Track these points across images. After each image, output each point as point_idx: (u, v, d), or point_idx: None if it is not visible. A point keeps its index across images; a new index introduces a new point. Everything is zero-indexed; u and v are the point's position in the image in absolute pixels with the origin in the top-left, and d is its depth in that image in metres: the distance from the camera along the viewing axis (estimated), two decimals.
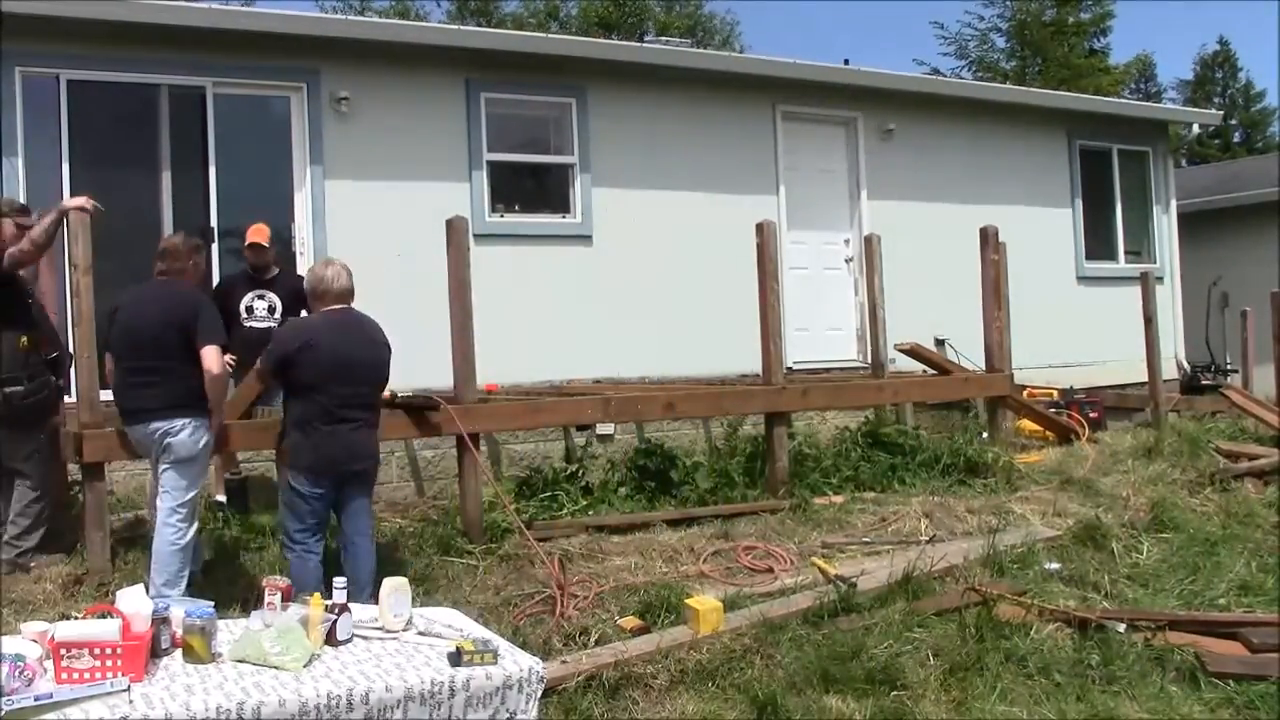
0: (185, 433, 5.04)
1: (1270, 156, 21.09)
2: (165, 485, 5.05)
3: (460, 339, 6.44)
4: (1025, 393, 9.95)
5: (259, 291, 7.08)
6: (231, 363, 5.64)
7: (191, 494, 5.11)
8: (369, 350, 5.17)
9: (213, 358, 5.03)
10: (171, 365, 5.04)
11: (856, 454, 8.13)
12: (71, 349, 5.96)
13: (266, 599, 3.88)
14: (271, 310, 7.03)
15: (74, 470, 6.04)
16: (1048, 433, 9.55)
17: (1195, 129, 14.51)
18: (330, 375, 4.96)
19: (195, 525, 5.18)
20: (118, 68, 7.87)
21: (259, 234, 7.14)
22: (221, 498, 6.96)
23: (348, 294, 5.21)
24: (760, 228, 7.63)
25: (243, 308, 7.00)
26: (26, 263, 5.75)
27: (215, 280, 8.04)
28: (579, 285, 9.37)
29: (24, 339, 5.60)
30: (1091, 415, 9.89)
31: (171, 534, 4.99)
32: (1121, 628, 5.02)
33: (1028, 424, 9.74)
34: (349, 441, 5.03)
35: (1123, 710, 4.36)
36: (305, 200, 8.45)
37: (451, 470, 7.28)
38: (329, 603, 3.78)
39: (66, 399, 6.43)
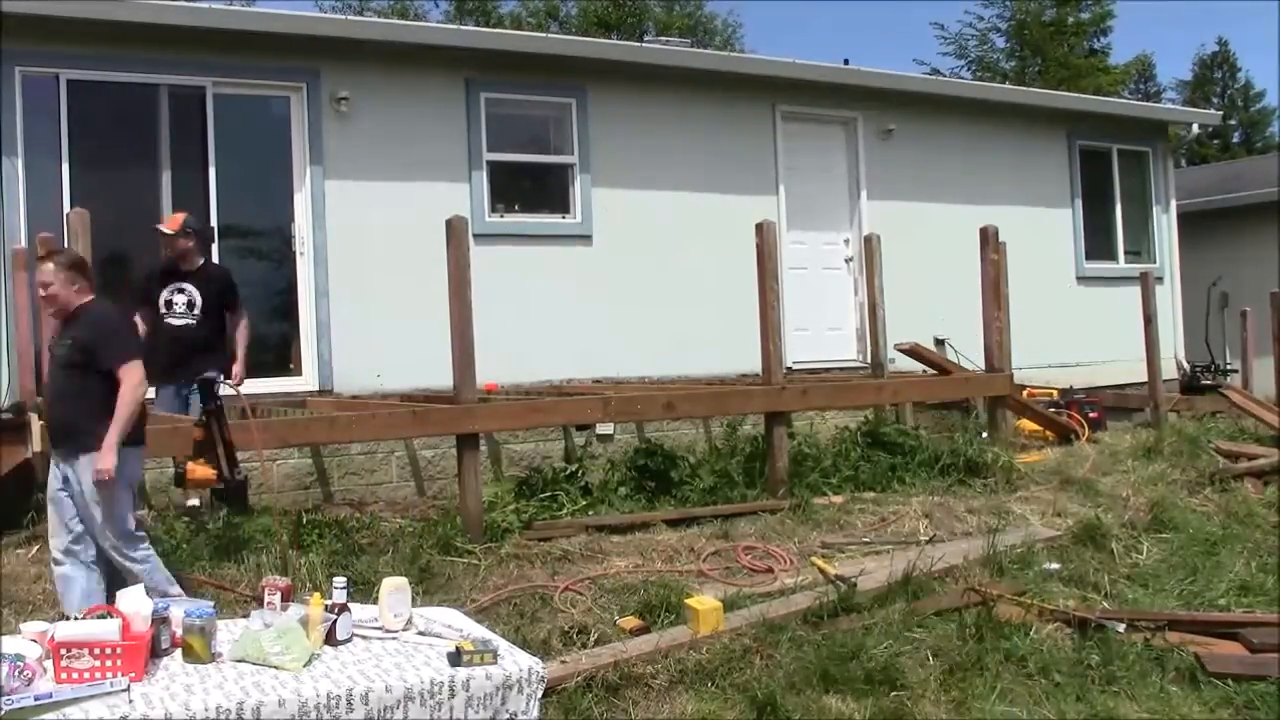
0: None
1: (1270, 156, 21.10)
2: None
3: (460, 339, 6.44)
4: (1025, 393, 9.95)
5: (178, 285, 6.70)
6: None
7: None
8: None
9: None
10: None
11: (856, 454, 8.12)
12: None
13: (266, 599, 3.89)
14: (190, 305, 6.67)
15: None
16: (1048, 433, 9.55)
17: (1195, 129, 14.48)
18: None
19: None
20: (118, 68, 7.87)
21: (171, 223, 6.79)
22: (194, 501, 6.73)
23: None
24: (760, 228, 7.62)
25: (162, 302, 6.68)
26: None
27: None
28: (579, 285, 9.36)
29: None
30: (1091, 415, 9.89)
31: None
32: (1121, 628, 5.02)
33: (1028, 424, 9.74)
34: None
35: (1122, 710, 4.36)
36: (305, 200, 8.45)
37: (451, 470, 7.29)
38: (329, 603, 3.78)
39: None
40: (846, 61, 11.43)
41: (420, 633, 3.86)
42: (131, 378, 4.65)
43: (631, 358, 9.38)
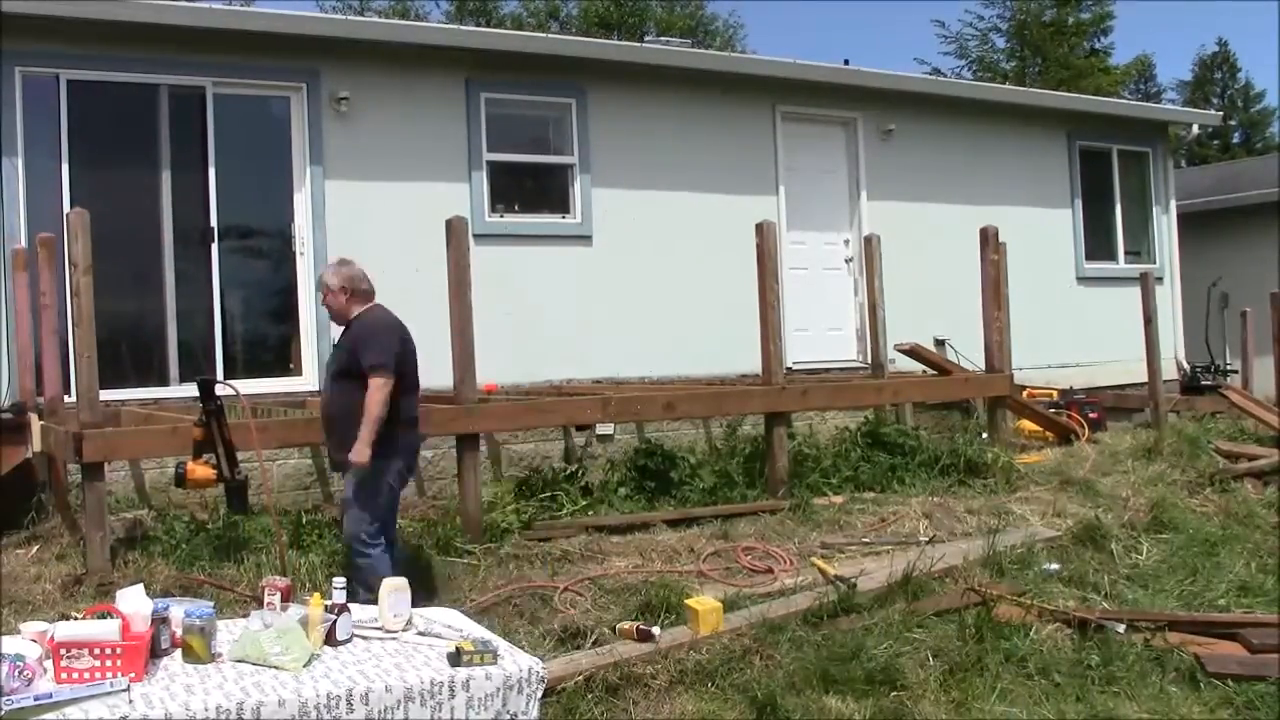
0: None
1: (1270, 157, 21.09)
2: None
3: (460, 339, 6.44)
4: (1025, 393, 9.95)
5: None
6: None
7: None
8: None
9: None
10: None
11: (856, 454, 8.13)
12: (72, 348, 5.95)
13: (266, 599, 3.88)
14: None
15: (74, 470, 6.04)
16: (1047, 433, 9.55)
17: (1195, 129, 14.48)
18: (416, 368, 5.13)
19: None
20: (118, 68, 7.87)
21: None
22: None
23: None
24: (760, 228, 7.62)
25: None
26: None
27: (215, 282, 8.07)
28: (579, 285, 9.36)
29: None
30: (1091, 416, 9.89)
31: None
32: (1121, 628, 5.02)
33: (1028, 424, 9.74)
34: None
35: (1122, 710, 4.36)
36: (305, 200, 8.44)
37: (451, 470, 7.28)
38: (329, 603, 3.78)
39: (66, 399, 6.44)
40: (846, 61, 11.44)
41: (420, 633, 3.86)
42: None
43: (631, 358, 9.38)
